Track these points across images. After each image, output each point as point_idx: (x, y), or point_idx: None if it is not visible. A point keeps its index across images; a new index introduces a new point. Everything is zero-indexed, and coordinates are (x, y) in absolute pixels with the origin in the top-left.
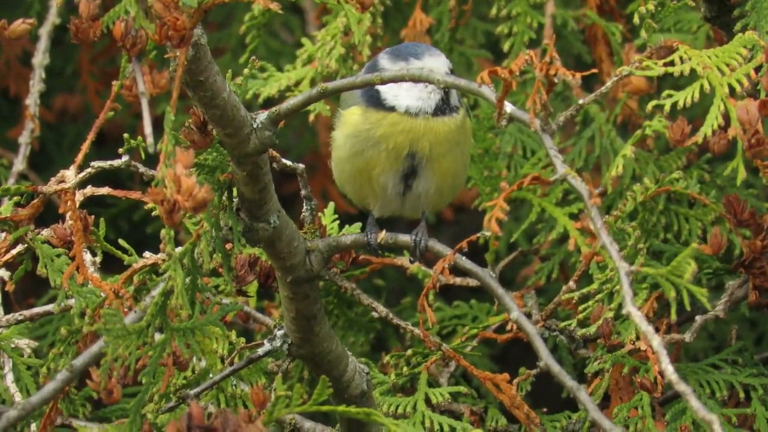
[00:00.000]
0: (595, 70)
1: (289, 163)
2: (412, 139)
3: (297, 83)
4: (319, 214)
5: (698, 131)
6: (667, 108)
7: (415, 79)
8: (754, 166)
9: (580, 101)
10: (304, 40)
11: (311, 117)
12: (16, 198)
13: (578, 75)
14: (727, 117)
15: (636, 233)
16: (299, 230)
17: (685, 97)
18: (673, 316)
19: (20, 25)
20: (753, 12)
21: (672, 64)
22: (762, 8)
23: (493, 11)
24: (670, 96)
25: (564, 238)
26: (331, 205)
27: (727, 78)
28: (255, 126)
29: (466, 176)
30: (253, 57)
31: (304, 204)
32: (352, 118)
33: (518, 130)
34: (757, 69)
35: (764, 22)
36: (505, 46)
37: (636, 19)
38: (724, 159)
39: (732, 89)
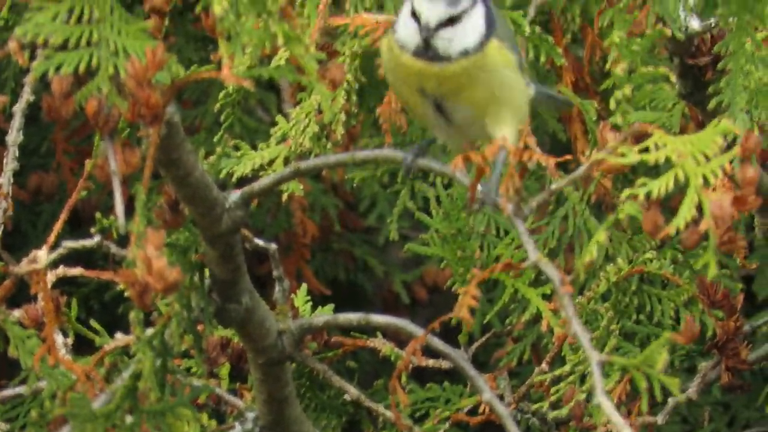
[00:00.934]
0: (569, 157)
1: (261, 243)
2: (419, 80)
3: (270, 162)
4: (292, 295)
5: (671, 222)
6: (642, 197)
7: (384, 160)
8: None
9: (553, 186)
10: (278, 118)
11: (284, 197)
12: None
13: (552, 160)
14: (700, 208)
15: (609, 314)
16: (271, 311)
17: (660, 186)
18: (644, 407)
19: None
20: (727, 89)
21: (647, 150)
22: (736, 85)
23: None
24: (644, 185)
25: (537, 318)
26: (304, 286)
27: (702, 168)
28: (227, 206)
29: (518, 95)
30: (227, 135)
31: (276, 285)
32: (383, 48)
33: (492, 209)
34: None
35: (738, 99)
36: None
37: (612, 104)
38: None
39: (706, 180)
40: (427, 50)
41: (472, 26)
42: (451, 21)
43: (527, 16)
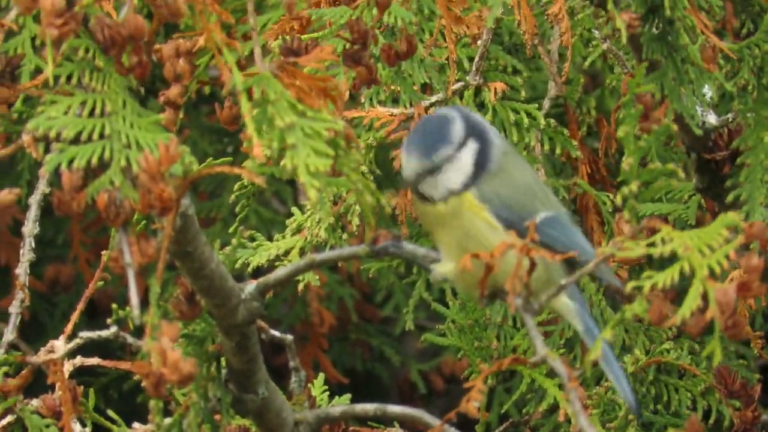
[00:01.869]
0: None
1: (277, 334)
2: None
3: (286, 252)
4: (309, 385)
5: (678, 311)
6: (647, 289)
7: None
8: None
9: (563, 281)
10: (293, 209)
11: (300, 287)
12: (5, 368)
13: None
14: (706, 298)
15: (627, 405)
16: (288, 401)
17: (665, 278)
18: None
19: (5, 195)
20: (746, 183)
21: (654, 245)
22: (755, 179)
23: None
24: (650, 278)
25: (554, 408)
26: (321, 375)
27: (707, 260)
28: (243, 297)
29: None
30: (242, 227)
31: (292, 375)
32: None
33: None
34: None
35: (757, 194)
36: None
37: (619, 200)
38: (711, 331)
39: (712, 270)
40: (417, 192)
41: (458, 170)
42: (431, 172)
43: (542, 109)
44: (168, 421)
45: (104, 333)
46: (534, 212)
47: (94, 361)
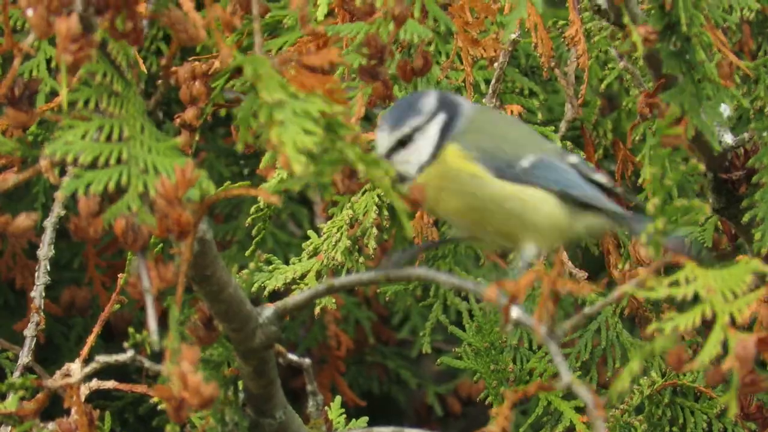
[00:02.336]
0: (600, 288)
1: (295, 358)
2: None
3: (303, 276)
4: (326, 408)
5: (697, 356)
6: (668, 331)
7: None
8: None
9: (586, 310)
10: (309, 232)
11: (317, 310)
12: (21, 392)
13: (586, 288)
14: (725, 345)
15: (642, 427)
16: (306, 425)
17: (686, 321)
18: None
19: (23, 221)
20: (762, 203)
21: (677, 283)
22: None
23: None
24: (671, 320)
25: (570, 430)
26: (338, 398)
27: (730, 306)
28: (261, 321)
29: (505, 203)
30: (259, 251)
31: (309, 399)
32: None
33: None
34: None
35: None
36: None
37: (643, 238)
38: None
39: (733, 318)
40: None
41: (428, 140)
42: (402, 143)
43: (559, 131)
44: None
45: (121, 357)
46: (519, 158)
47: (110, 384)
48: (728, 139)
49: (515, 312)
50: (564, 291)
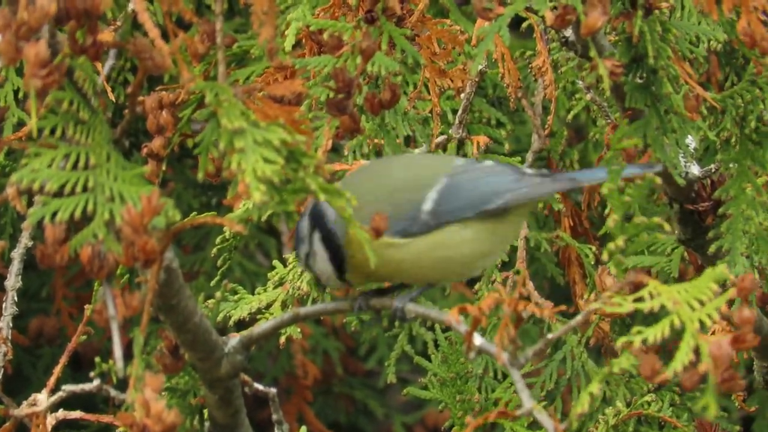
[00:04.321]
0: (563, 307)
1: (260, 387)
2: None
3: (268, 305)
4: None
5: (669, 365)
6: (637, 344)
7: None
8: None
9: (549, 335)
10: (275, 262)
11: (282, 339)
12: None
13: (547, 311)
14: (698, 352)
15: None
16: None
17: (655, 333)
18: None
19: None
20: (728, 233)
21: (642, 299)
22: (736, 230)
23: None
24: (639, 333)
25: None
26: (303, 429)
27: (698, 313)
28: (227, 350)
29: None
30: (225, 281)
31: (275, 428)
32: None
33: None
34: (730, 303)
35: (739, 244)
36: None
37: (605, 255)
38: (697, 383)
39: (702, 324)
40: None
41: (322, 259)
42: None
43: (526, 162)
44: None
45: (87, 386)
46: (419, 202)
47: (77, 414)
48: (695, 170)
49: (477, 339)
50: (525, 314)
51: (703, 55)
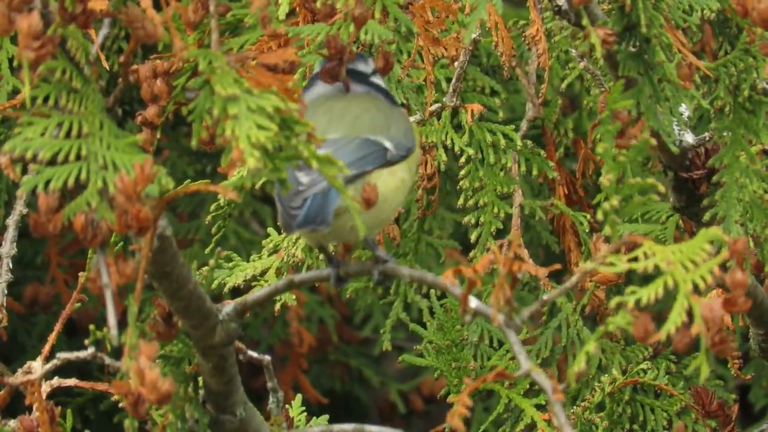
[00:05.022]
0: (558, 266)
1: (255, 354)
2: None
3: (263, 273)
4: (287, 405)
5: (663, 326)
6: (631, 304)
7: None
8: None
9: (544, 297)
10: (270, 230)
11: (276, 307)
12: None
13: (542, 271)
14: (691, 313)
15: (603, 424)
16: (267, 422)
17: (649, 294)
18: None
19: None
20: (722, 201)
21: (636, 259)
22: (731, 198)
23: (461, 201)
24: (633, 293)
25: (532, 427)
26: (299, 396)
27: (691, 274)
28: (221, 318)
29: None
30: (219, 248)
31: (270, 396)
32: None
33: (485, 320)
34: (722, 265)
35: (733, 212)
36: (473, 237)
37: (600, 215)
38: (692, 350)
39: (696, 286)
40: None
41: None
42: None
43: (520, 131)
44: None
45: (82, 354)
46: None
47: (72, 381)
48: (689, 138)
49: (473, 302)
50: (521, 276)
51: (696, 24)
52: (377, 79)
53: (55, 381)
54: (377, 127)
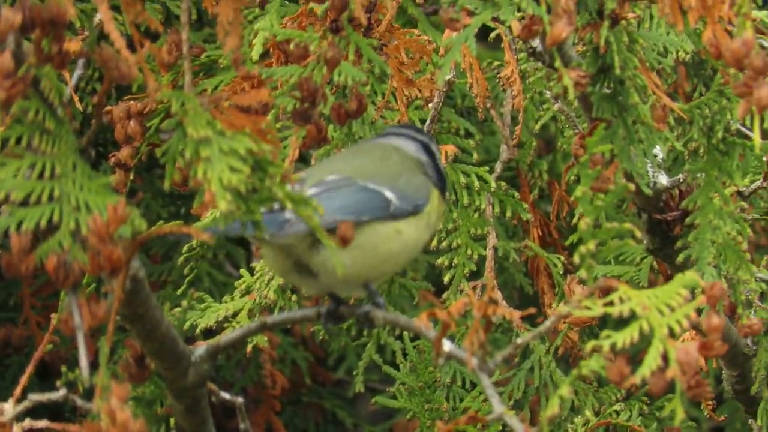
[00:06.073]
0: (532, 310)
1: (227, 396)
2: None
3: (235, 314)
4: None
5: (637, 370)
6: (606, 349)
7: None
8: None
9: (518, 340)
10: (242, 271)
11: (248, 348)
12: None
13: (516, 314)
14: (666, 357)
15: None
16: None
17: (624, 338)
18: None
19: None
20: (696, 243)
21: (612, 303)
22: (704, 239)
23: (434, 242)
24: (608, 337)
25: None
26: None
27: (667, 319)
28: (193, 359)
29: None
30: (192, 290)
31: None
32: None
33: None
34: (699, 311)
35: (706, 253)
36: (446, 278)
37: (576, 258)
38: (666, 391)
39: (671, 330)
40: None
41: None
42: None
43: (494, 172)
44: None
45: (54, 395)
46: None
47: (43, 423)
48: (663, 180)
49: (447, 345)
50: (495, 319)
51: (670, 66)
52: (434, 148)
53: (27, 423)
54: (382, 175)
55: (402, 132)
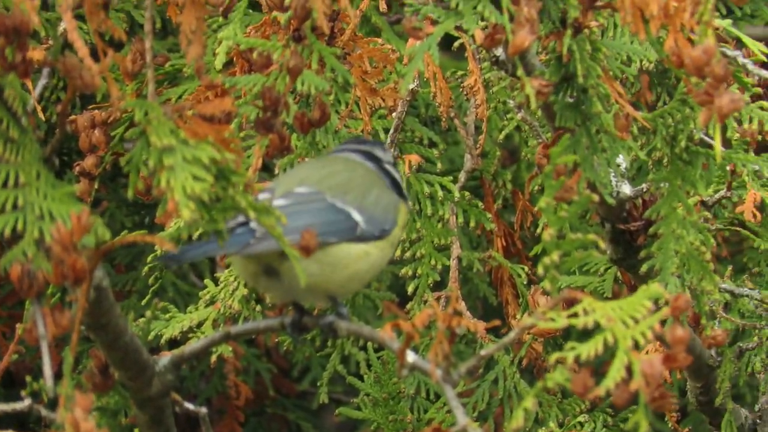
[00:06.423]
0: (497, 322)
1: (191, 407)
2: None
3: (199, 324)
4: None
5: (602, 382)
6: (570, 360)
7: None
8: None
9: (482, 352)
10: (207, 281)
11: (213, 359)
12: None
13: (480, 326)
14: (630, 369)
15: None
16: None
17: (589, 350)
18: None
19: None
20: (659, 253)
21: (576, 315)
22: (668, 249)
23: (398, 252)
24: (573, 349)
25: None
26: None
27: (631, 331)
28: (157, 370)
29: None
30: (156, 299)
31: None
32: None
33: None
34: (663, 322)
35: (670, 264)
36: (410, 288)
37: (540, 269)
38: (630, 403)
39: (636, 342)
40: None
41: None
42: None
43: (458, 182)
44: None
45: (18, 405)
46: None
47: None
48: (626, 190)
49: (411, 356)
50: (459, 330)
51: (634, 75)
52: (391, 168)
53: None
54: (350, 191)
55: (358, 148)
